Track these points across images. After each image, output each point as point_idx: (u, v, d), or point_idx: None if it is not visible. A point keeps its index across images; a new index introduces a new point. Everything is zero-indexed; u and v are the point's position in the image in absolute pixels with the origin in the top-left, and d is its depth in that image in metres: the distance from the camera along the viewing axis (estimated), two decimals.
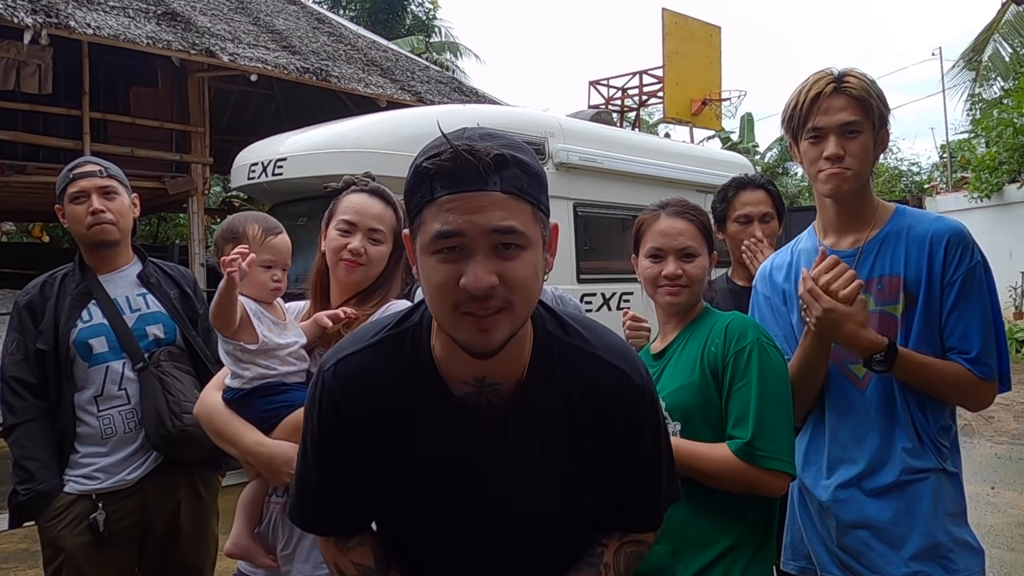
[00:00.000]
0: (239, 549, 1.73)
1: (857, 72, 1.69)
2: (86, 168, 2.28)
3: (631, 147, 7.74)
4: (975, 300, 1.63)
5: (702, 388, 1.59)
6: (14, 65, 8.51)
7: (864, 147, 1.66)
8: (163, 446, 2.20)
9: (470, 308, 0.99)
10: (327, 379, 1.16)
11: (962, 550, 1.64)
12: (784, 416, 1.56)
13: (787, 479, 1.54)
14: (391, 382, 1.14)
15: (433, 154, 1.00)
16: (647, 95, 17.55)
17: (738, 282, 2.50)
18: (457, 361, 1.09)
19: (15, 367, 2.21)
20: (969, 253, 1.64)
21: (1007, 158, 14.71)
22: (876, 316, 1.69)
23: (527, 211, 1.01)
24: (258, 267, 1.76)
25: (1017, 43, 16.36)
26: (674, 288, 1.68)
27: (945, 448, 1.68)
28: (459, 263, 0.99)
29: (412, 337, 1.15)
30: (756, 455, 1.50)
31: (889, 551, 1.65)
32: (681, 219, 1.69)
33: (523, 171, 1.01)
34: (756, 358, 1.56)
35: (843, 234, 1.77)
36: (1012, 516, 4.98)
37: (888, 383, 1.68)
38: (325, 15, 13.77)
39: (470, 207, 0.97)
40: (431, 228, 0.99)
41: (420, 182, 1.02)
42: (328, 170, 5.29)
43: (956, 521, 1.67)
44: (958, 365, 1.63)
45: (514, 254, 1.00)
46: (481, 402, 1.12)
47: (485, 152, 0.97)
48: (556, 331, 1.16)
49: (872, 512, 1.67)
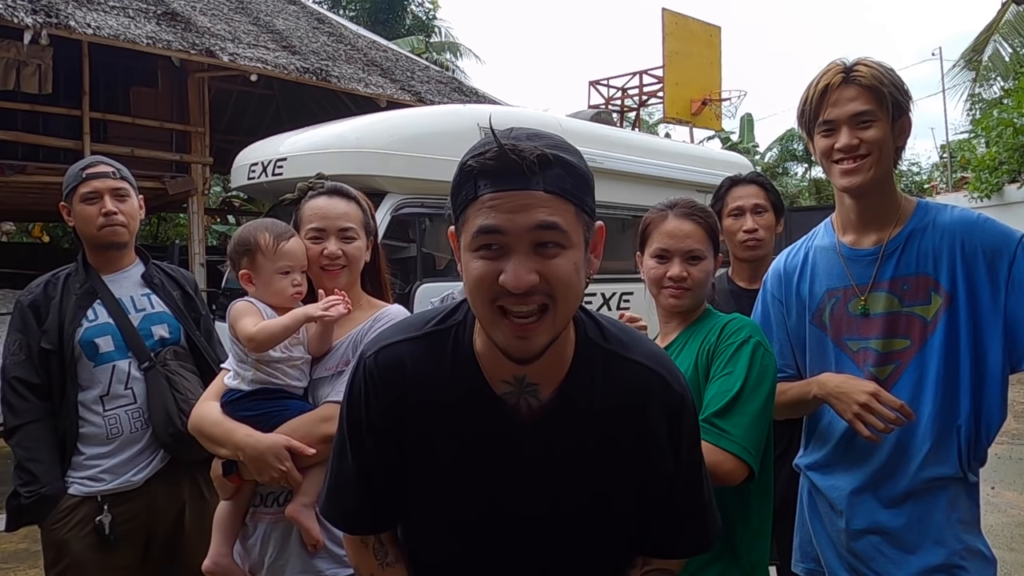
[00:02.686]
0: (218, 568, 1.73)
1: (870, 60, 1.63)
2: (99, 168, 2.27)
3: (631, 147, 7.73)
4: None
5: (696, 386, 1.59)
6: (14, 65, 8.51)
7: (880, 137, 1.59)
8: (172, 444, 2.19)
9: (509, 304, 0.99)
10: (368, 365, 1.16)
11: (974, 559, 1.60)
12: (759, 411, 1.52)
13: (744, 469, 1.47)
14: (430, 375, 1.14)
15: (479, 152, 1.00)
16: (647, 95, 17.57)
17: (739, 283, 2.49)
18: (498, 360, 1.09)
19: (18, 367, 2.20)
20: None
21: (1007, 158, 14.69)
22: (903, 318, 1.64)
23: (570, 211, 1.01)
24: (276, 275, 1.76)
25: (1017, 43, 16.34)
26: (678, 290, 1.67)
27: (975, 459, 1.62)
28: (499, 260, 0.99)
29: (455, 333, 1.15)
30: (716, 433, 1.47)
31: (900, 557, 1.62)
32: (689, 221, 1.68)
33: (567, 171, 1.01)
34: (747, 352, 1.55)
35: (864, 232, 1.71)
36: (1012, 516, 4.98)
37: (914, 385, 1.63)
38: (325, 15, 13.77)
39: (513, 205, 0.98)
40: (474, 225, 1.00)
41: (465, 180, 1.02)
42: (328, 170, 5.27)
43: (969, 529, 1.62)
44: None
45: (555, 252, 1.00)
46: (520, 402, 1.12)
47: (530, 152, 0.97)
48: (597, 338, 1.16)
49: (884, 519, 1.64)
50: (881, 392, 1.57)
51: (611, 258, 7.61)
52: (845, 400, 1.60)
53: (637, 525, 1.20)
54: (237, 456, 1.68)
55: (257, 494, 1.76)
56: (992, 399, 1.60)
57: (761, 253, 2.43)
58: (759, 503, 1.61)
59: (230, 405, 1.74)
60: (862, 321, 1.68)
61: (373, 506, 1.21)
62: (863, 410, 1.56)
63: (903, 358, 1.65)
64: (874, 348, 1.67)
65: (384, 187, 5.52)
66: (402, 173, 5.53)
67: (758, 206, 2.44)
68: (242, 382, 1.73)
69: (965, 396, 1.60)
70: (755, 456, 1.50)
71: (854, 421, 1.58)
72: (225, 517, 1.76)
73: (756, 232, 2.41)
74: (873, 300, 1.67)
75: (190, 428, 1.82)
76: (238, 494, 1.75)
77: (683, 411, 1.16)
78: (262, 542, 1.73)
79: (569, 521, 1.15)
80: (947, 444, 1.61)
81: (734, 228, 2.44)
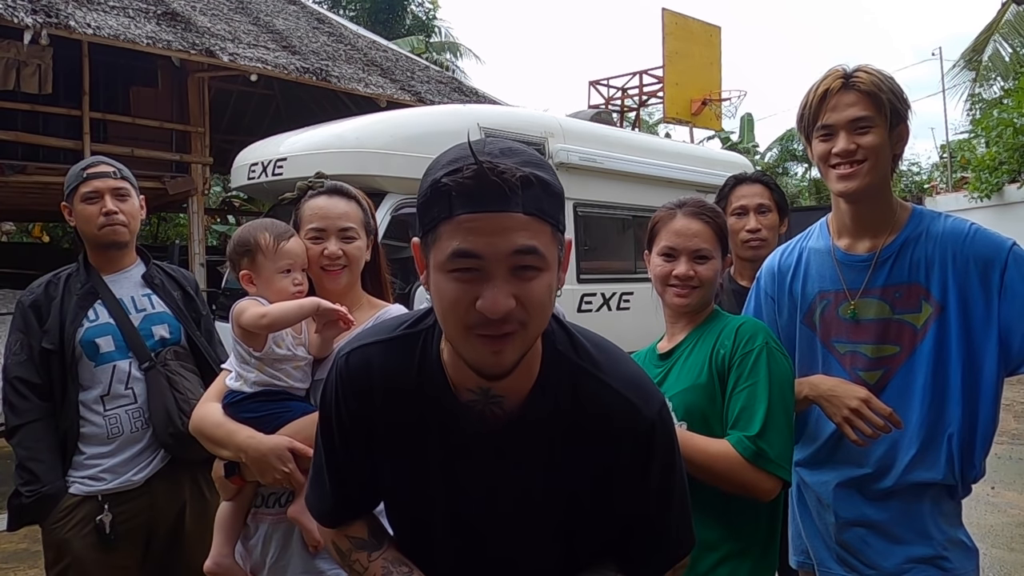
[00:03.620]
0: (220, 568, 1.72)
1: (870, 67, 1.64)
2: (100, 168, 2.27)
3: (631, 147, 7.73)
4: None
5: (709, 390, 1.59)
6: (14, 65, 8.52)
7: (877, 143, 1.60)
8: (172, 444, 2.19)
9: (484, 331, 0.97)
10: (339, 365, 1.18)
11: (956, 548, 1.64)
12: (787, 422, 1.54)
13: (780, 486, 1.51)
14: (395, 380, 1.14)
15: (454, 169, 0.95)
16: (647, 95, 17.58)
17: (742, 282, 2.48)
18: (464, 371, 1.07)
19: (19, 367, 2.20)
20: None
21: (1007, 158, 14.69)
22: (894, 325, 1.66)
23: (547, 232, 0.98)
24: (277, 274, 1.76)
25: (1017, 43, 16.35)
26: (684, 289, 1.66)
27: (969, 468, 1.63)
28: (476, 284, 0.96)
29: (424, 339, 1.15)
30: (759, 454, 1.49)
31: (885, 548, 1.66)
32: (697, 220, 1.67)
33: (545, 191, 0.98)
34: (765, 360, 1.55)
35: (858, 237, 1.72)
36: (1012, 516, 4.98)
37: (902, 391, 1.65)
38: (325, 15, 13.78)
39: (492, 228, 0.94)
40: (448, 246, 0.96)
41: (438, 198, 0.97)
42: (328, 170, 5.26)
43: (951, 522, 1.67)
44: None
45: (532, 276, 0.97)
46: (484, 411, 1.10)
47: (511, 173, 0.94)
48: (568, 351, 1.13)
49: (870, 512, 1.68)
50: (872, 399, 1.60)
51: (611, 258, 7.66)
52: (836, 403, 1.63)
53: (596, 538, 1.18)
54: (239, 457, 1.68)
55: (259, 495, 1.76)
56: (986, 406, 1.62)
57: (764, 253, 2.42)
58: (771, 504, 1.61)
59: (232, 407, 1.73)
60: (852, 325, 1.71)
61: (335, 502, 1.24)
62: (853, 415, 1.60)
63: (892, 364, 1.67)
64: (864, 353, 1.69)
65: (384, 187, 5.53)
66: (402, 173, 5.54)
67: (762, 206, 2.44)
68: (244, 383, 1.72)
69: (955, 404, 1.62)
70: (790, 467, 1.53)
71: (843, 425, 1.62)
72: (226, 518, 1.76)
73: (759, 232, 2.41)
74: (864, 306, 1.69)
75: (191, 429, 1.82)
76: (239, 495, 1.75)
77: (654, 438, 1.11)
78: (263, 543, 1.73)
79: (524, 529, 1.14)
80: (934, 451, 1.63)
81: (737, 227, 2.44)
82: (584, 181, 6.93)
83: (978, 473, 1.66)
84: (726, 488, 1.53)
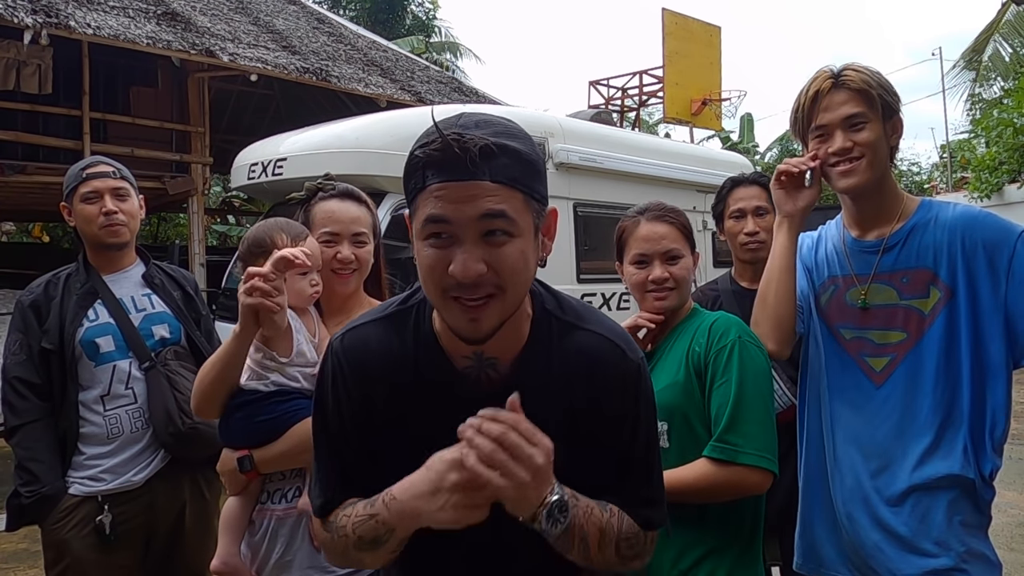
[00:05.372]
0: (226, 567, 1.72)
1: (857, 65, 1.66)
2: (99, 168, 2.27)
3: (631, 147, 7.73)
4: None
5: (687, 387, 1.61)
6: (14, 65, 8.52)
7: (873, 138, 1.62)
8: (172, 444, 2.20)
9: (459, 294, 1.02)
10: (335, 347, 1.19)
11: (977, 562, 1.60)
12: (763, 413, 1.56)
13: (768, 476, 1.52)
14: (394, 354, 1.16)
15: (425, 142, 1.02)
16: (647, 95, 17.58)
17: (742, 283, 2.48)
18: (456, 338, 1.11)
19: (19, 367, 2.20)
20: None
21: (1007, 158, 14.69)
22: (900, 310, 1.65)
23: (518, 199, 1.03)
24: (295, 275, 1.74)
25: (1017, 43, 16.37)
26: (662, 292, 1.70)
27: (984, 457, 1.60)
28: (448, 249, 1.02)
29: (416, 313, 1.18)
30: (730, 451, 1.50)
31: (900, 556, 1.61)
32: (662, 223, 1.73)
33: (514, 160, 1.02)
34: (737, 355, 1.58)
35: (867, 228, 1.74)
36: (1012, 516, 4.98)
37: (911, 378, 1.63)
38: (325, 15, 13.78)
39: (459, 196, 1.00)
40: (423, 213, 1.02)
41: (414, 169, 1.05)
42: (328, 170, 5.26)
43: (973, 532, 1.62)
44: None
45: (503, 241, 1.02)
46: (481, 375, 1.14)
47: (474, 143, 0.98)
48: (555, 310, 1.19)
49: (885, 516, 1.64)
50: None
51: (611, 258, 7.63)
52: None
53: (592, 495, 1.19)
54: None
55: (264, 491, 1.76)
56: (997, 394, 1.59)
57: (762, 255, 2.41)
58: (754, 500, 1.62)
59: (246, 407, 1.71)
60: (859, 311, 1.71)
61: (335, 492, 1.22)
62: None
63: (899, 351, 1.66)
64: (870, 339, 1.69)
65: (384, 187, 5.52)
66: (402, 173, 5.52)
67: (759, 208, 2.43)
68: (261, 383, 1.71)
69: (966, 391, 1.60)
70: (773, 458, 1.53)
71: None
72: (232, 516, 1.75)
73: (757, 234, 2.41)
74: (872, 292, 1.69)
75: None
76: (246, 491, 1.75)
77: (640, 381, 1.18)
78: (269, 538, 1.73)
79: None
80: (949, 440, 1.60)
81: (735, 230, 2.44)
82: (584, 181, 6.93)
83: (995, 466, 1.62)
84: (721, 500, 1.54)
